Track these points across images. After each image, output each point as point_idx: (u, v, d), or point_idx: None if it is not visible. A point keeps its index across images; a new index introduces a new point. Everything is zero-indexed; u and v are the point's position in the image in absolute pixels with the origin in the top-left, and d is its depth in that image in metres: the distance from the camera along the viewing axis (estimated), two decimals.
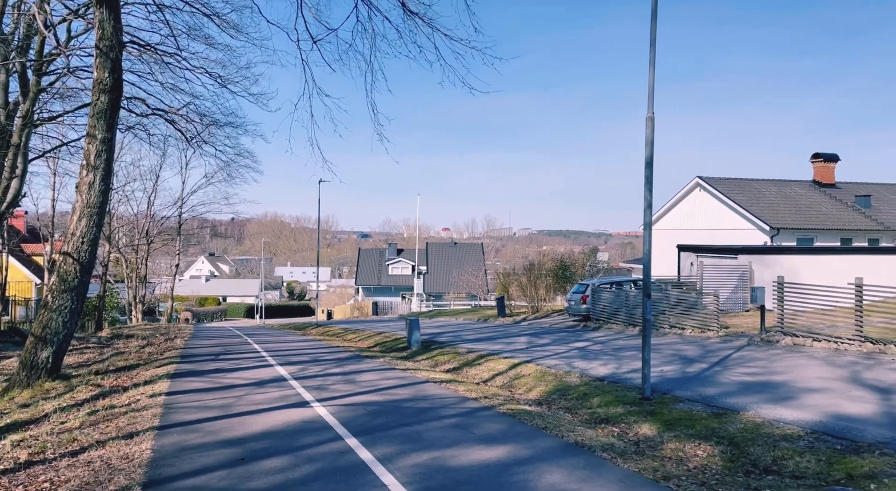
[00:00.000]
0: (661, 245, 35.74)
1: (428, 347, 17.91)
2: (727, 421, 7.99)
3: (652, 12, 8.73)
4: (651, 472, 5.95)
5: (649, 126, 9.07)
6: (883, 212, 34.88)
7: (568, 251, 51.99)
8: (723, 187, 34.36)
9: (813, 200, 34.81)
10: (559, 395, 10.47)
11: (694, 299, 19.36)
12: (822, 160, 36.73)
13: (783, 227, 31.43)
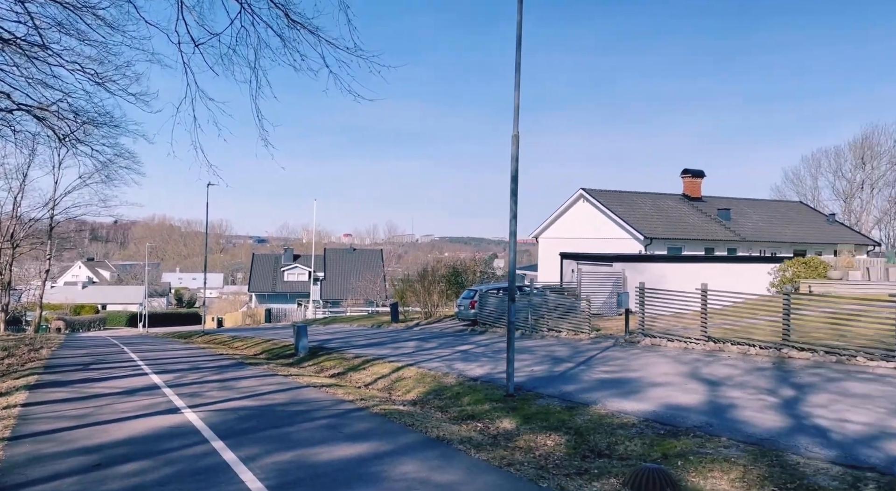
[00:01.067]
0: (549, 253, 37.69)
1: (315, 353, 17.95)
2: (577, 414, 8.82)
3: (517, 40, 9.50)
4: (498, 459, 6.55)
5: (514, 144, 9.83)
6: (740, 224, 38.67)
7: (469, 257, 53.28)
8: (603, 199, 36.73)
9: (682, 213, 37.98)
10: (434, 395, 11.00)
11: (570, 304, 20.68)
12: (691, 176, 40.18)
13: (656, 237, 34.06)
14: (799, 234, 39.58)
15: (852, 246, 37.07)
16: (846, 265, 26.73)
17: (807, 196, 54.17)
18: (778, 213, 42.45)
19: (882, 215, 49.49)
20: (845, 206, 52.13)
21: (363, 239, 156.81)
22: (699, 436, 7.39)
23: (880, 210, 49.88)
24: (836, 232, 41.47)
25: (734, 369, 11.88)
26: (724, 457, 6.53)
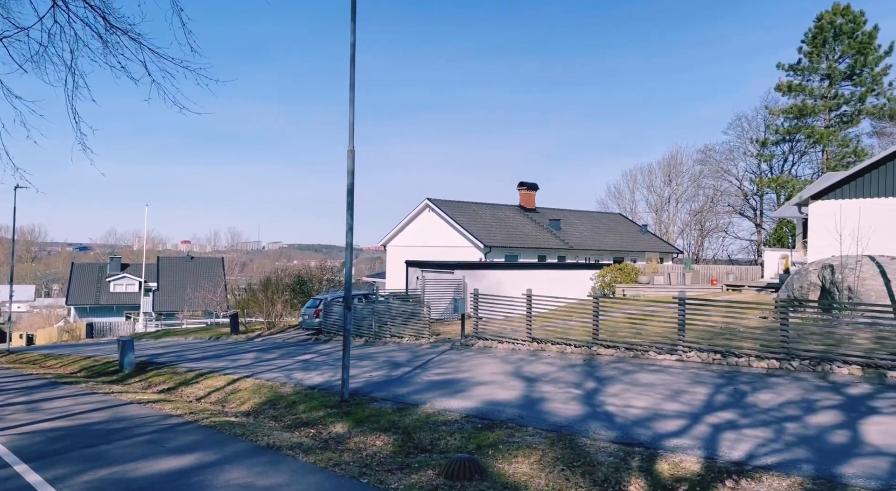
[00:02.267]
0: (397, 260, 38.45)
1: (143, 368, 16.91)
2: (407, 414, 9.37)
3: (350, 59, 9.92)
4: (325, 461, 6.86)
5: (350, 158, 10.21)
6: (569, 233, 42.26)
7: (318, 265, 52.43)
8: (447, 209, 38.29)
9: (518, 222, 40.69)
10: (270, 405, 10.99)
11: (412, 310, 21.42)
12: (526, 188, 43.19)
13: (495, 246, 36.17)
14: (618, 242, 44.13)
15: (657, 254, 42.10)
16: (652, 271, 30.38)
17: (626, 208, 60.49)
18: (601, 223, 46.98)
19: (684, 227, 56.69)
20: (657, 217, 58.92)
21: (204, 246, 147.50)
22: (510, 427, 8.25)
23: (683, 222, 57.11)
24: (648, 241, 46.81)
25: (551, 367, 13.18)
26: (528, 444, 7.40)
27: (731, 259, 53.94)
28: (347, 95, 9.96)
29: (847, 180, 21.27)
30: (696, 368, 12.14)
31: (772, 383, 10.31)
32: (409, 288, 31.12)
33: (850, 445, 6.72)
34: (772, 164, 46.48)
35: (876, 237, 19.47)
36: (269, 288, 30.23)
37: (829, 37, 38.31)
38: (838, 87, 40.21)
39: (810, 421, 7.83)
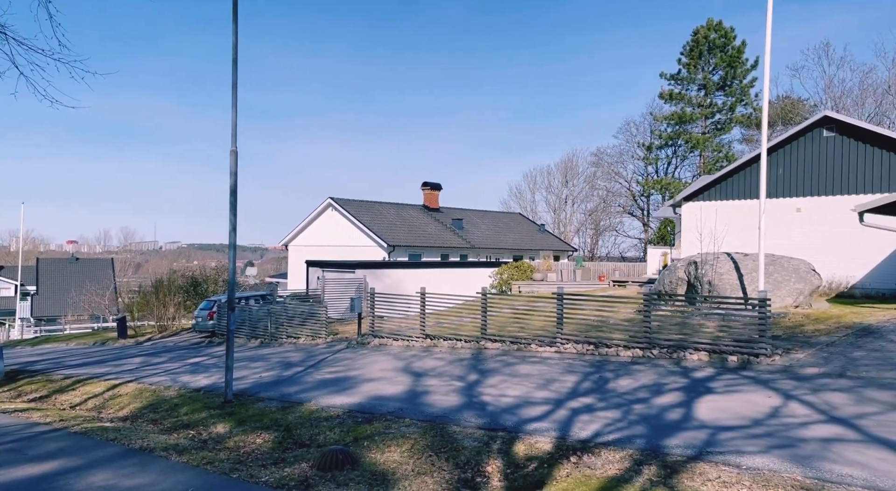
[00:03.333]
0: (299, 260, 37.91)
1: (14, 377, 15.91)
2: (291, 412, 9.55)
3: (233, 60, 9.93)
4: (198, 460, 6.95)
5: (233, 159, 10.22)
6: (471, 232, 43.34)
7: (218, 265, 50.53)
8: (351, 208, 38.24)
9: (422, 222, 41.27)
10: (151, 409, 10.79)
11: (309, 310, 21.37)
12: (430, 188, 43.86)
13: (398, 245, 36.52)
14: (517, 241, 45.75)
15: (550, 252, 44.08)
16: (546, 268, 31.87)
17: (527, 208, 62.71)
18: (502, 223, 48.50)
19: (580, 226, 59.57)
20: (555, 217, 61.50)
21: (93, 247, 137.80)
22: (389, 420, 8.64)
23: (579, 221, 59.99)
24: (545, 240, 48.84)
25: (440, 362, 13.71)
26: (403, 434, 7.82)
27: (623, 256, 57.32)
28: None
29: (710, 185, 23.39)
30: (571, 358, 13.05)
31: (633, 370, 11.32)
32: (309, 288, 30.88)
33: (682, 421, 7.63)
34: (657, 166, 49.89)
35: (732, 235, 21.56)
36: (161, 290, 29.02)
37: (704, 50, 41.72)
38: (713, 96, 43.84)
39: (655, 402, 8.76)
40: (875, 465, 5.65)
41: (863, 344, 11.42)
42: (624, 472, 6.00)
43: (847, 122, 20.43)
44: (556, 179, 61.17)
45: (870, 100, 39.60)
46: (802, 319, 14.54)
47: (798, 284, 16.98)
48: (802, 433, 6.79)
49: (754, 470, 5.70)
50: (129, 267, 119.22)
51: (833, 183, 20.62)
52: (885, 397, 8.15)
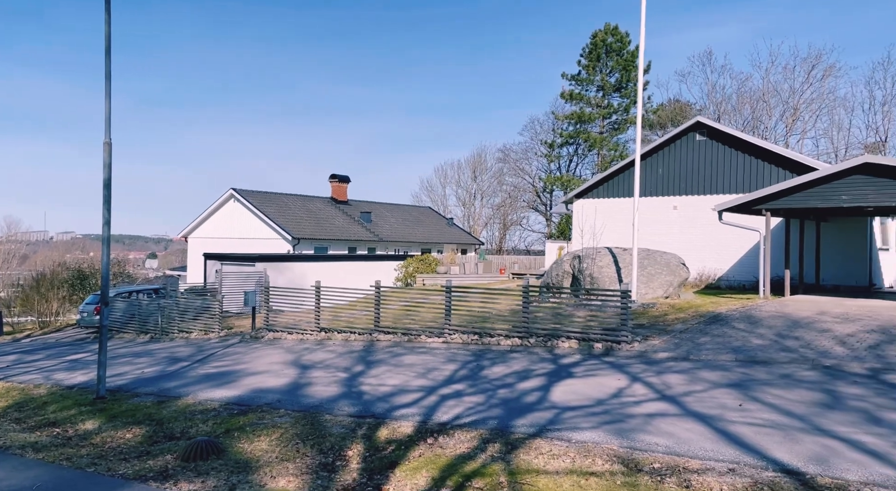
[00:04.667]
0: (200, 253, 36.71)
1: None
2: (166, 406, 9.53)
3: (105, 50, 9.70)
4: (56, 456, 6.91)
5: (106, 151, 10.00)
6: (380, 226, 43.51)
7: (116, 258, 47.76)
8: (254, 200, 37.42)
9: (329, 214, 41.00)
10: (16, 408, 10.39)
11: (203, 305, 20.93)
12: (338, 180, 43.61)
13: (304, 238, 36.15)
14: (426, 234, 46.38)
15: (454, 245, 45.10)
16: (450, 261, 32.64)
17: (438, 202, 63.54)
18: (411, 216, 48.97)
19: (488, 220, 61.10)
20: (465, 211, 62.71)
21: None
22: (265, 411, 8.85)
23: (487, 216, 61.50)
24: (454, 233, 49.78)
25: (331, 354, 13.96)
26: (275, 424, 8.06)
27: (528, 250, 59.37)
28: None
29: (598, 184, 24.88)
30: (456, 348, 13.67)
31: (509, 358, 12.06)
32: (207, 282, 30.06)
33: (536, 403, 8.34)
34: (560, 163, 52.03)
35: (615, 231, 23.09)
36: (43, 284, 27.34)
37: (602, 53, 43.92)
38: (610, 97, 46.22)
39: (519, 387, 9.47)
40: (681, 434, 6.50)
41: (710, 331, 12.72)
42: (471, 450, 6.56)
43: (716, 127, 22.34)
44: (465, 174, 62.38)
45: (747, 106, 43.15)
46: (668, 309, 15.90)
47: (668, 277, 18.49)
48: (634, 410, 7.64)
49: (581, 443, 6.42)
50: (13, 258, 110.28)
51: (705, 183, 22.49)
52: (713, 377, 9.24)
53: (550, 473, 5.80)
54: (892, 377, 8.47)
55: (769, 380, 8.82)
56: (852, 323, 12.54)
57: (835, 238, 19.93)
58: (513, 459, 6.19)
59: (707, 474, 5.37)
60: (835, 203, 15.36)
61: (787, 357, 10.16)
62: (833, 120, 45.94)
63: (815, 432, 6.28)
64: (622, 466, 5.75)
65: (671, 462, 5.72)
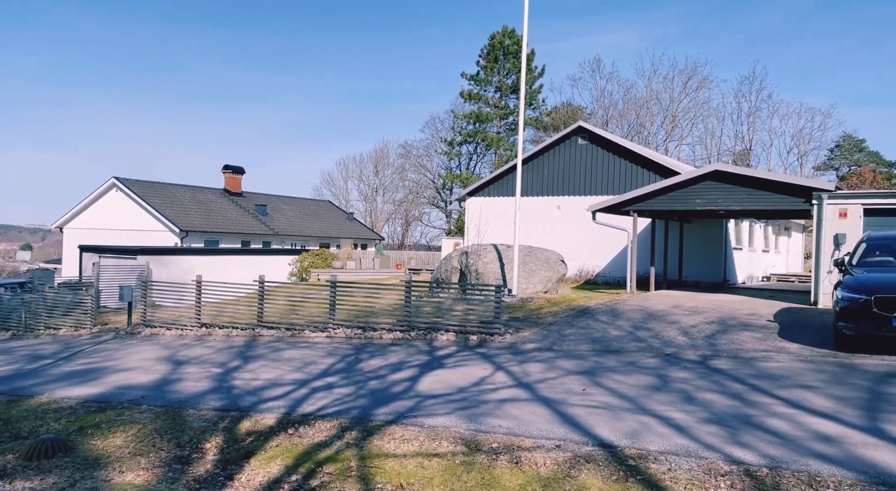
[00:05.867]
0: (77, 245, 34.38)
1: None
2: (16, 406, 9.06)
3: None
4: None
5: None
6: (276, 219, 42.56)
7: None
8: (139, 189, 35.50)
9: (222, 207, 39.61)
10: None
11: (74, 300, 19.73)
12: (231, 171, 42.19)
13: (193, 230, 34.74)
14: (325, 229, 45.87)
15: (351, 240, 45.06)
16: (346, 256, 32.58)
17: (340, 196, 62.89)
18: (309, 210, 48.23)
19: (389, 216, 61.28)
20: (367, 206, 62.50)
21: None
22: (126, 407, 8.64)
23: (389, 211, 61.65)
24: (354, 228, 49.56)
25: (210, 350, 13.68)
26: (134, 420, 7.92)
27: (430, 246, 60.12)
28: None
29: (488, 183, 25.80)
30: (339, 342, 13.82)
31: (389, 351, 12.38)
32: (83, 275, 28.27)
33: (402, 392, 8.71)
34: (460, 161, 53.10)
35: (503, 228, 24.03)
36: None
37: (500, 55, 45.33)
38: (507, 99, 47.78)
39: (390, 378, 9.80)
40: (525, 417, 7.08)
41: (576, 323, 13.67)
42: (328, 438, 6.81)
43: (596, 132, 23.79)
44: (368, 169, 62.17)
45: (632, 112, 46.04)
46: (544, 303, 16.84)
47: (548, 273, 19.54)
48: (490, 397, 8.18)
49: (432, 428, 6.84)
50: None
51: (586, 185, 23.89)
52: (568, 365, 10.01)
53: (399, 456, 6.16)
54: (717, 362, 9.56)
55: (616, 367, 9.69)
56: (698, 315, 13.91)
57: (696, 238, 21.85)
58: (366, 444, 6.50)
59: (536, 451, 5.93)
60: (692, 206, 16.89)
61: (637, 346, 11.16)
62: (707, 128, 50.02)
63: (638, 412, 7.05)
64: (464, 446, 6.21)
65: (508, 442, 6.24)
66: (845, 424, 6.18)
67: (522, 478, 5.43)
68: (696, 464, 5.33)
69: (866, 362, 8.99)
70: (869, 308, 9.04)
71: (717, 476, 5.07)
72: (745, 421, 6.49)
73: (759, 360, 9.62)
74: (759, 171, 18.80)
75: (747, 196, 15.76)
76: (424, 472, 5.76)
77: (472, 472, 5.65)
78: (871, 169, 46.13)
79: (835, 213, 14.29)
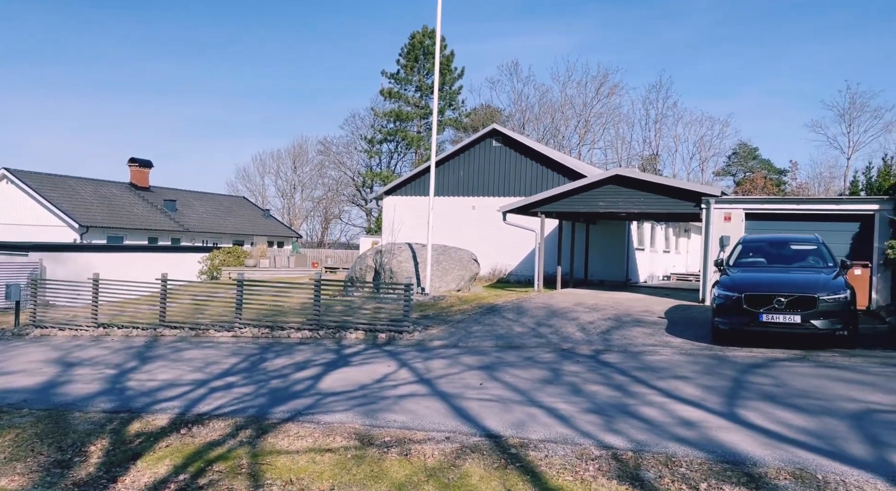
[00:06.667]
0: None
1: None
2: None
3: None
4: None
5: None
6: (186, 215, 40.96)
7: None
8: (33, 181, 33.27)
9: (127, 202, 37.71)
10: None
11: None
12: (138, 165, 40.25)
13: (94, 226, 32.91)
14: (239, 226, 44.57)
15: (270, 238, 44.13)
16: (260, 255, 31.84)
17: (257, 192, 61.20)
18: (223, 206, 46.72)
19: (308, 213, 60.29)
20: (285, 202, 61.17)
21: None
22: (4, 412, 8.18)
23: (308, 208, 60.63)
24: (270, 225, 48.41)
25: (106, 351, 13.08)
26: (12, 424, 7.53)
27: (350, 244, 59.60)
28: None
29: (405, 183, 26.01)
30: (245, 342, 13.57)
31: (296, 350, 12.29)
32: None
33: (303, 391, 8.72)
34: (380, 159, 52.98)
35: (419, 228, 24.29)
36: None
37: (420, 54, 45.60)
38: (427, 98, 48.10)
39: (294, 376, 9.77)
40: (421, 411, 7.30)
41: (483, 320, 14.09)
42: (222, 437, 6.76)
43: (509, 135, 24.48)
44: (286, 165, 60.86)
45: (548, 116, 47.54)
46: (456, 301, 17.20)
47: (461, 272, 19.95)
48: (390, 393, 8.35)
49: (328, 424, 6.93)
50: None
51: (500, 186, 24.52)
52: (471, 361, 10.33)
53: (291, 452, 6.22)
54: (608, 357, 10.17)
55: (515, 362, 10.10)
56: (597, 312, 14.67)
57: (601, 239, 22.92)
58: (260, 442, 6.51)
59: (426, 443, 6.15)
60: (595, 208, 17.75)
61: (537, 342, 11.67)
62: (618, 133, 52.37)
63: (527, 404, 7.42)
64: (357, 441, 6.35)
65: (401, 435, 6.43)
66: (707, 411, 6.79)
67: (410, 469, 5.63)
68: (571, 450, 5.72)
69: (737, 354, 9.83)
70: (740, 305, 9.89)
71: (587, 460, 5.46)
72: (622, 410, 6.98)
73: (646, 353, 10.30)
74: (655, 177, 20.02)
75: (645, 200, 16.75)
76: (315, 466, 5.85)
77: (362, 465, 5.80)
78: (763, 175, 49.85)
79: (720, 217, 15.45)
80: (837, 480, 4.75)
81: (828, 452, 5.35)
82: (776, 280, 10.12)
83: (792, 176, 53.98)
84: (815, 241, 11.52)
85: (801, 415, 6.49)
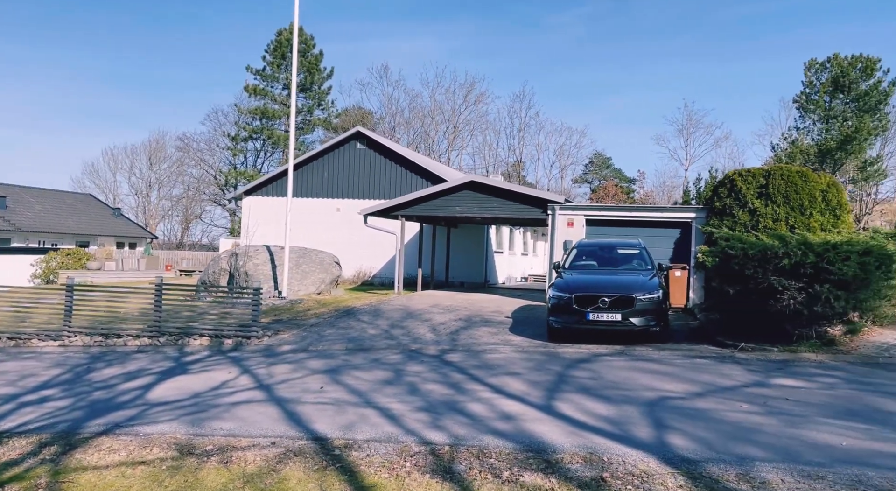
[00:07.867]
0: None
1: None
2: None
3: None
4: None
5: None
6: (19, 214, 36.87)
7: None
8: None
9: None
10: None
11: None
12: None
13: None
14: (84, 226, 40.83)
15: (120, 239, 40.94)
16: (105, 256, 29.40)
17: (106, 190, 56.30)
18: (65, 204, 42.58)
19: (165, 213, 56.51)
20: (140, 201, 56.86)
21: None
22: None
23: (165, 208, 56.82)
24: (121, 225, 44.80)
25: None
26: None
27: (211, 246, 56.59)
28: None
29: (266, 183, 25.28)
30: (74, 351, 12.49)
31: (131, 359, 11.50)
32: None
33: (129, 402, 8.19)
34: (246, 158, 50.87)
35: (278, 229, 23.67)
36: None
37: (288, 52, 44.39)
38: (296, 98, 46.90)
39: (122, 387, 9.15)
40: (252, 418, 7.14)
41: (338, 323, 14.03)
42: (21, 456, 6.19)
43: (374, 138, 24.57)
44: (141, 160, 56.65)
45: (417, 120, 48.22)
46: (314, 304, 16.96)
47: (322, 274, 19.70)
48: (224, 400, 8.08)
49: (147, 436, 6.58)
50: None
51: (365, 188, 24.51)
52: (317, 365, 10.26)
53: (100, 467, 5.84)
54: (452, 356, 10.54)
55: (361, 364, 10.17)
56: (451, 313, 15.14)
57: (461, 242, 23.66)
58: (65, 459, 6.05)
59: (250, 450, 6.04)
60: (453, 213, 18.30)
61: (387, 344, 11.82)
62: (485, 140, 54.30)
63: (363, 405, 7.52)
64: (176, 451, 6.09)
65: (224, 443, 6.26)
66: (528, 404, 7.27)
67: (227, 477, 5.51)
68: (393, 448, 5.88)
69: (567, 351, 10.60)
70: (571, 304, 10.68)
71: (406, 457, 5.65)
72: (451, 407, 7.28)
73: (487, 352, 10.81)
74: (507, 184, 21.04)
75: (498, 205, 17.54)
76: (125, 481, 5.55)
77: (177, 476, 5.58)
78: (615, 184, 53.97)
79: (564, 222, 16.55)
80: (619, 460, 5.30)
81: (618, 436, 5.95)
82: (601, 282, 11.04)
83: (640, 184, 58.94)
84: (639, 246, 12.70)
85: (606, 404, 7.15)
